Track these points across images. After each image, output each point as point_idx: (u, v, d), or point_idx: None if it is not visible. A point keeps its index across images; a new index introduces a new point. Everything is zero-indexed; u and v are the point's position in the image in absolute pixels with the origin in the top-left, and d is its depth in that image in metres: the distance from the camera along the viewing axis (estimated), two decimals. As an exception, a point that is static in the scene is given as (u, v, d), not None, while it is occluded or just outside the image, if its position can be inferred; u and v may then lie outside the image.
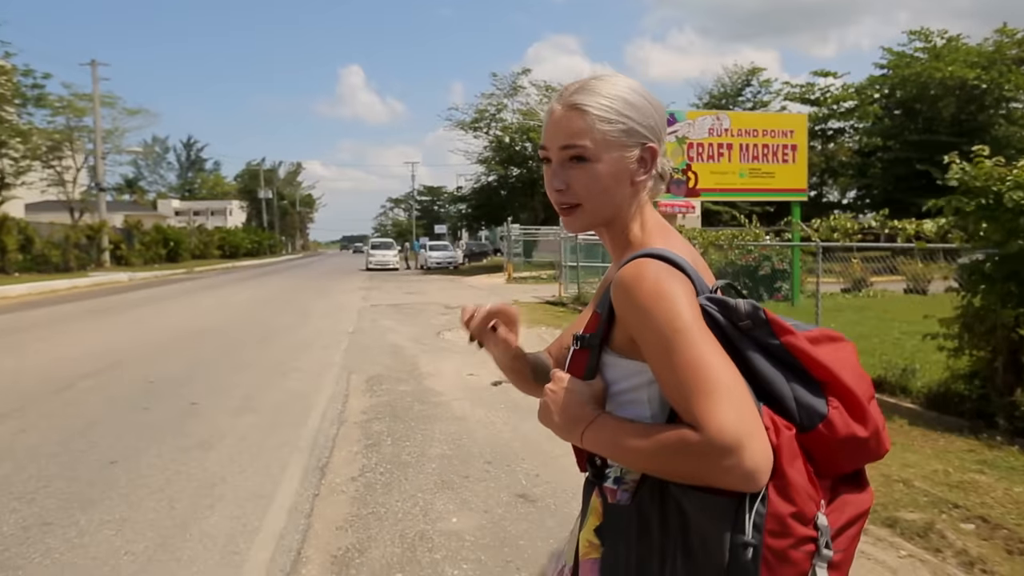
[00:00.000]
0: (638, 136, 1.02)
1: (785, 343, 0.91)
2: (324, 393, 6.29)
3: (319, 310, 14.35)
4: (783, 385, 0.90)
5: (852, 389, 0.90)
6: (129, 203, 63.10)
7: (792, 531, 0.86)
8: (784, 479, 0.86)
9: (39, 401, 5.80)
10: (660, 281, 0.92)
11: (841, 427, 0.89)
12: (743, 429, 0.83)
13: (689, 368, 0.87)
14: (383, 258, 34.80)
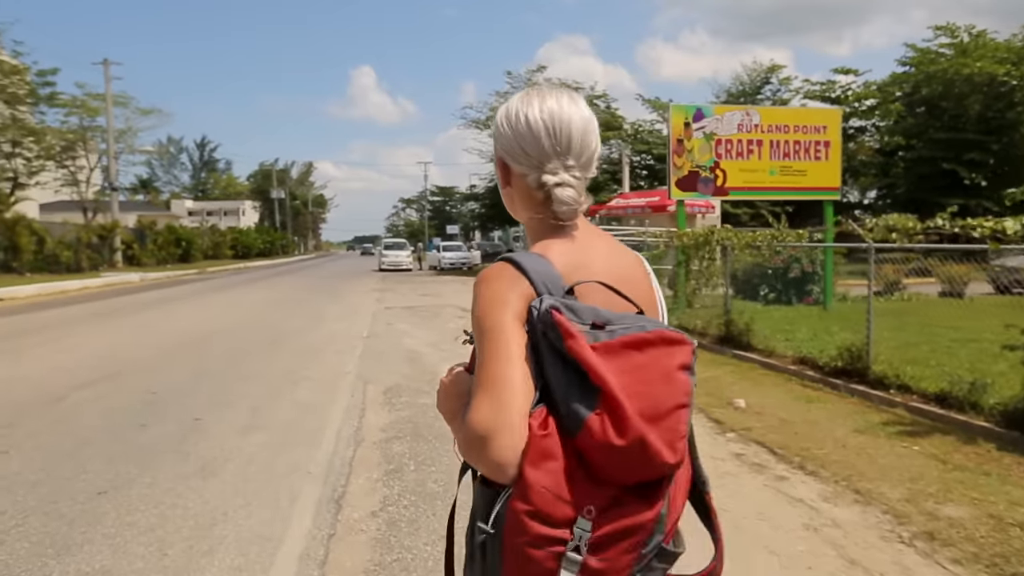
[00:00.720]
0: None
1: (567, 347, 0.91)
2: (338, 407, 5.79)
3: (332, 313, 13.88)
4: (560, 388, 0.92)
5: (620, 401, 0.88)
6: (143, 203, 63.09)
7: (528, 529, 0.88)
8: (523, 479, 0.88)
9: (29, 416, 5.33)
10: (492, 285, 1.00)
11: (598, 434, 0.88)
12: (493, 424, 0.88)
13: (480, 363, 0.95)
14: (396, 259, 34.36)
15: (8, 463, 4.16)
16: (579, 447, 0.89)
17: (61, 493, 3.66)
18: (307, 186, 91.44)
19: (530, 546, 0.88)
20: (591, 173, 1.15)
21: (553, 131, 1.10)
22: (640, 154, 31.29)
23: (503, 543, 0.90)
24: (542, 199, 1.11)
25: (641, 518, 0.90)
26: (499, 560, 0.91)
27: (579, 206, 1.11)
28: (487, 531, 0.91)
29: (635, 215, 25.57)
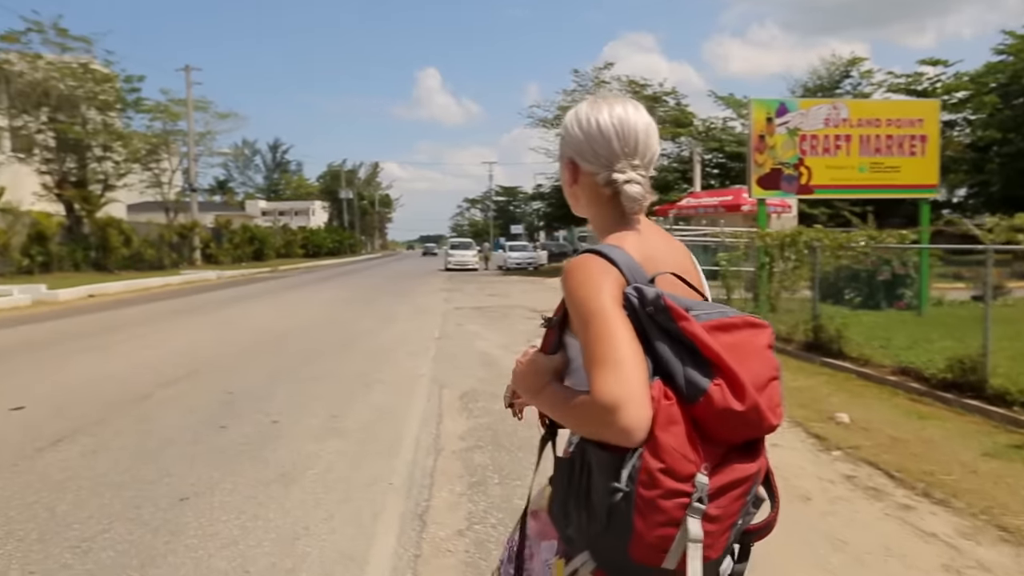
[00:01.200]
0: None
1: (680, 328, 1.03)
2: (415, 412, 5.63)
3: (401, 312, 13.88)
4: (674, 363, 1.03)
5: (736, 371, 1.01)
6: (220, 204, 65.50)
7: (660, 483, 0.98)
8: (655, 441, 0.99)
9: (116, 413, 5.38)
10: (588, 273, 1.12)
11: (719, 401, 1.00)
12: (622, 394, 0.99)
13: (596, 342, 1.05)
14: (462, 258, 34.45)
15: (96, 463, 4.15)
16: (695, 413, 1.01)
17: (145, 498, 3.59)
18: (374, 186, 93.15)
19: (662, 498, 0.98)
20: (651, 173, 1.26)
21: (622, 134, 1.21)
22: (711, 152, 30.36)
23: (636, 497, 0.99)
24: (609, 196, 1.23)
25: (748, 470, 1.05)
26: (631, 513, 0.99)
27: (645, 201, 1.22)
28: (622, 488, 0.99)
29: (706, 215, 24.80)
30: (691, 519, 0.99)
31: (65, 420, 5.16)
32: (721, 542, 1.04)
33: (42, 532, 3.16)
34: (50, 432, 4.83)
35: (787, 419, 5.46)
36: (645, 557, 1.01)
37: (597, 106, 1.25)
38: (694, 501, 0.99)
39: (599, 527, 1.04)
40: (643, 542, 1.00)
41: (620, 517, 1.00)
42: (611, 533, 1.02)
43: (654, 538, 1.00)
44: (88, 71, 28.23)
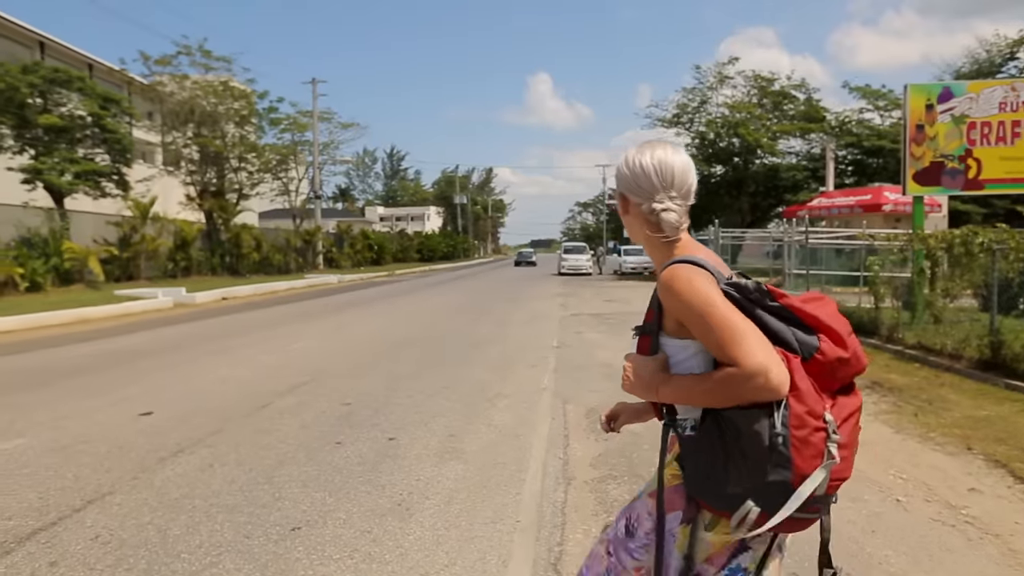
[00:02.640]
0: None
1: (782, 304, 1.36)
2: (540, 432, 5.16)
3: (517, 318, 13.53)
4: (785, 331, 1.32)
5: (833, 327, 1.33)
6: (341, 210, 68.60)
7: (807, 423, 1.26)
8: (798, 389, 1.27)
9: (235, 424, 5.27)
10: (691, 277, 1.37)
11: (830, 352, 1.32)
12: (767, 360, 1.25)
13: (722, 328, 1.29)
14: (576, 262, 33.89)
15: (212, 479, 3.97)
16: (808, 369, 1.31)
17: (256, 525, 3.32)
18: (487, 191, 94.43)
19: (811, 435, 1.26)
20: (691, 201, 1.53)
21: (660, 172, 1.50)
22: (846, 148, 28.10)
23: (792, 437, 1.25)
24: (655, 221, 1.50)
25: (855, 404, 1.37)
26: (789, 451, 1.25)
27: (682, 226, 1.50)
28: (781, 432, 1.25)
29: (841, 216, 22.91)
30: (831, 446, 1.27)
31: (188, 429, 5.09)
32: (849, 463, 1.32)
33: (151, 562, 2.93)
34: (172, 441, 4.75)
35: (985, 459, 4.53)
36: (798, 480, 1.25)
37: (642, 150, 1.52)
38: (831, 433, 1.27)
39: (763, 473, 1.25)
40: (801, 473, 1.25)
41: (780, 457, 1.25)
42: (775, 474, 1.25)
43: (809, 467, 1.25)
44: (228, 88, 30.14)
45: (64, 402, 6.00)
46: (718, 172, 30.82)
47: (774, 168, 28.83)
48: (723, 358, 1.29)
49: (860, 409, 1.37)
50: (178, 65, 28.91)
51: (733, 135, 28.03)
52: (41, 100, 21.78)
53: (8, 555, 2.99)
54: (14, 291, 15.72)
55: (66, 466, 4.19)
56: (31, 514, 3.44)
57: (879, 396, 6.38)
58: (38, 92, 21.61)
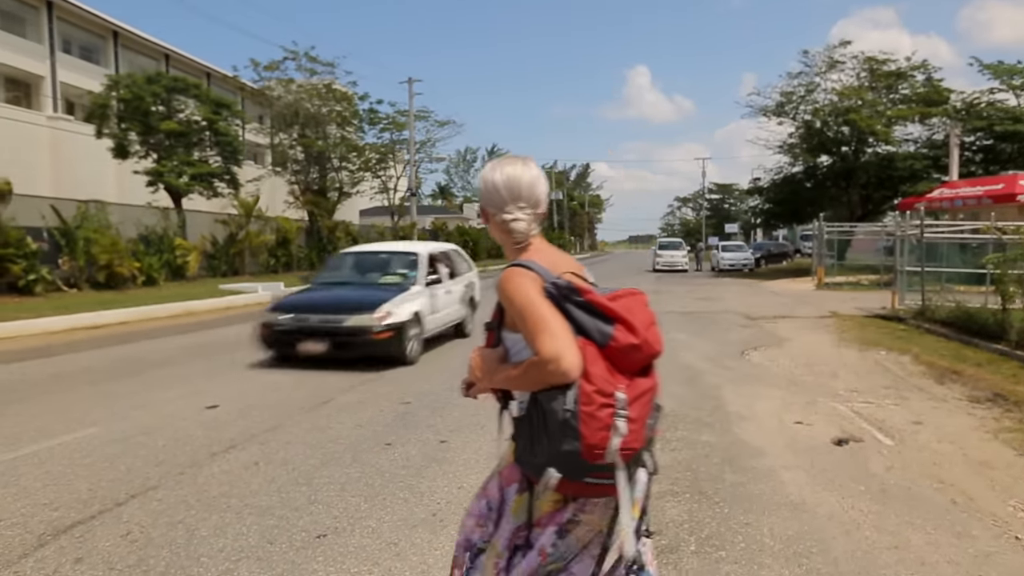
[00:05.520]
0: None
1: (586, 299, 1.53)
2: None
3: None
4: (588, 323, 1.51)
5: (628, 319, 1.51)
6: (440, 208, 69.92)
7: (595, 401, 1.44)
8: (589, 373, 1.45)
9: (293, 420, 5.26)
10: (516, 279, 1.57)
11: (623, 339, 1.50)
12: (560, 349, 1.43)
13: (532, 322, 1.49)
14: (671, 259, 32.86)
15: (252, 479, 3.92)
16: (607, 355, 1.49)
17: (283, 529, 3.21)
18: (583, 187, 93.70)
19: (597, 410, 1.43)
20: (541, 210, 1.75)
21: (508, 186, 1.72)
22: (974, 133, 25.58)
23: (580, 412, 1.43)
24: (508, 229, 1.72)
25: (649, 384, 1.54)
26: (578, 424, 1.43)
27: (530, 231, 1.73)
28: (570, 408, 1.44)
29: (967, 207, 20.87)
30: (619, 420, 1.45)
31: (247, 423, 5.12)
32: (639, 436, 1.49)
33: (169, 564, 2.86)
34: (228, 436, 4.77)
35: None
36: (592, 455, 1.44)
37: (493, 167, 1.77)
38: (619, 409, 1.45)
39: (559, 444, 1.46)
40: (588, 444, 1.44)
41: (571, 430, 1.44)
42: (566, 444, 1.45)
43: (596, 439, 1.44)
44: (331, 91, 31.29)
45: (144, 392, 6.23)
46: (825, 163, 28.87)
47: (888, 157, 26.62)
48: (531, 347, 1.49)
49: (654, 389, 1.56)
50: (285, 70, 30.29)
51: (842, 123, 26.12)
52: (163, 107, 23.35)
53: (41, 548, 3.01)
54: (132, 285, 16.88)
55: (122, 458, 4.28)
56: (76, 506, 3.49)
57: (1001, 411, 5.60)
58: (160, 100, 23.18)
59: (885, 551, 3.09)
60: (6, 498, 3.61)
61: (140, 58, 36.23)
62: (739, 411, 5.64)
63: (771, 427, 5.17)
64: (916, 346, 8.78)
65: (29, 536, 3.14)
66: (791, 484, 3.94)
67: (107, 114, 22.65)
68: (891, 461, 4.34)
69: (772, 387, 6.55)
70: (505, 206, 1.71)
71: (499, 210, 1.73)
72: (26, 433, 4.85)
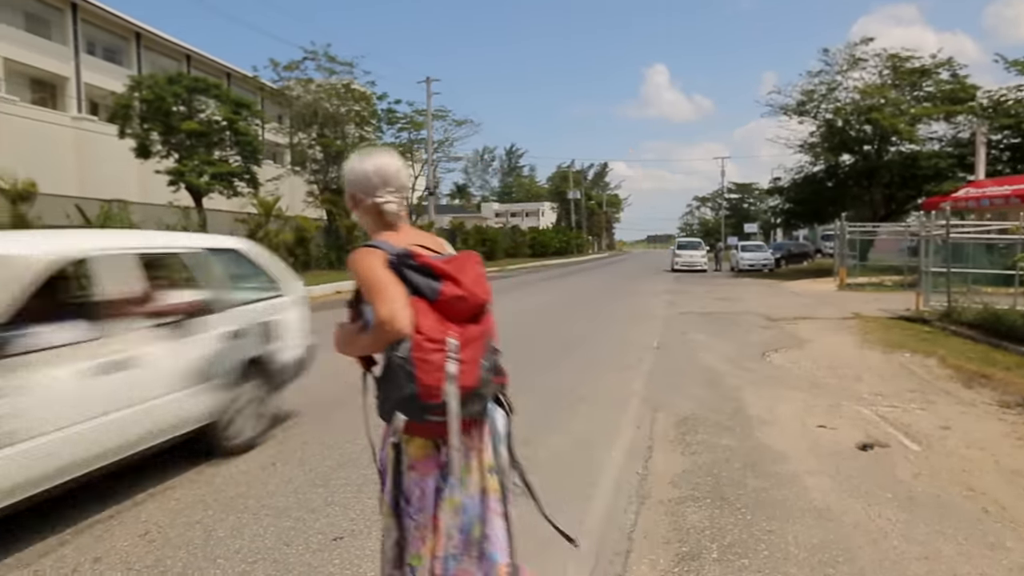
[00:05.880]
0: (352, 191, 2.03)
1: (419, 263, 1.78)
2: (620, 442, 4.76)
3: (619, 315, 13.04)
4: (421, 282, 1.75)
5: (454, 275, 1.78)
6: (458, 207, 70.08)
7: (425, 347, 1.69)
8: (419, 325, 1.71)
9: (312, 419, 5.26)
10: (363, 256, 1.81)
11: (449, 292, 1.76)
12: (392, 312, 1.68)
13: (372, 292, 1.74)
14: (690, 259, 32.60)
15: (271, 478, 3.91)
16: (440, 308, 1.75)
17: (300, 531, 3.19)
18: (601, 187, 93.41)
19: (428, 354, 1.69)
20: (405, 194, 2.02)
21: (379, 173, 1.95)
22: (1002, 131, 25.08)
23: (413, 358, 1.69)
24: (376, 212, 1.96)
25: (480, 330, 1.81)
26: (413, 368, 1.69)
27: (400, 212, 2.00)
28: (402, 355, 1.69)
29: (994, 207, 20.48)
30: (450, 362, 1.70)
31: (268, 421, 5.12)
32: (472, 374, 1.76)
33: (187, 564, 2.85)
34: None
35: None
36: (428, 396, 1.70)
37: (363, 158, 2.00)
38: (450, 352, 1.71)
39: (400, 389, 1.70)
40: (424, 385, 1.69)
41: (408, 375, 1.70)
42: (407, 389, 1.70)
43: (431, 380, 1.69)
44: (349, 91, 31.45)
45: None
46: (847, 162, 28.45)
47: (912, 156, 26.17)
48: (373, 313, 1.73)
49: (485, 333, 1.83)
50: (304, 70, 30.50)
51: (865, 121, 25.72)
52: (184, 107, 23.59)
53: (63, 547, 3.02)
54: (153, 283, 17.04)
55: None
56: (94, 504, 3.50)
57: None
58: (181, 100, 23.41)
59: (915, 562, 3.00)
60: (27, 496, 3.63)
61: (162, 59, 36.64)
62: (760, 414, 5.55)
63: (794, 431, 5.08)
64: (942, 348, 8.61)
65: (49, 534, 3.15)
66: (815, 490, 3.86)
67: (130, 114, 22.93)
68: (919, 467, 4.24)
69: (794, 390, 6.44)
70: (377, 191, 1.95)
71: (371, 195, 1.95)
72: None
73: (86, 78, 33.28)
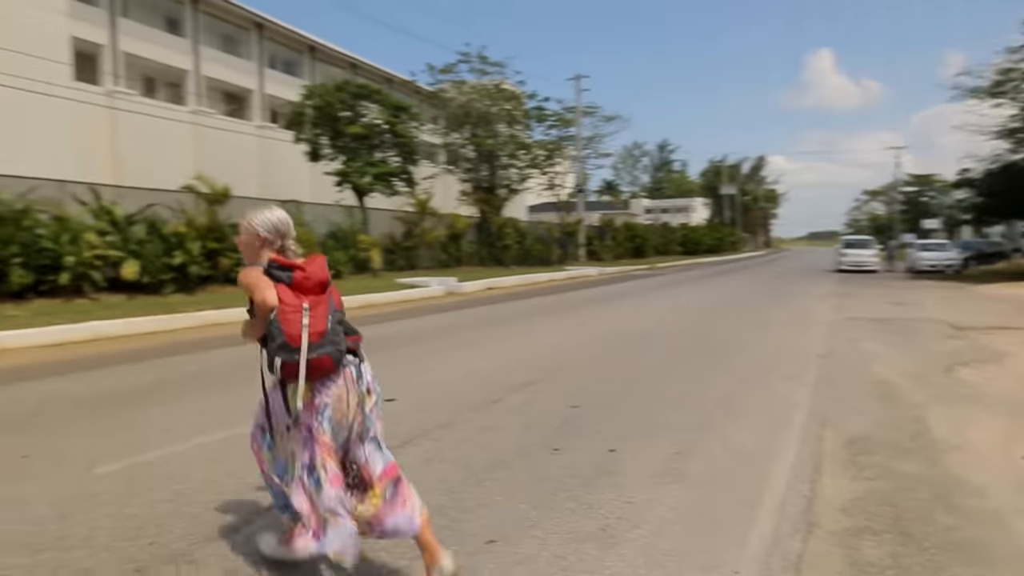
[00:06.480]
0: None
1: (277, 263, 2.62)
2: (783, 460, 4.44)
3: (779, 319, 12.27)
4: (281, 275, 2.57)
5: (300, 266, 2.60)
6: (606, 203, 69.52)
7: (286, 311, 2.51)
8: (282, 299, 2.52)
9: (464, 418, 5.38)
10: (247, 273, 2.61)
11: (299, 277, 2.58)
12: (265, 295, 2.53)
13: (250, 289, 2.57)
14: (858, 258, 30.04)
15: (426, 475, 4.03)
16: (293, 287, 2.57)
17: (454, 532, 3.25)
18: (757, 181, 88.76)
19: (291, 315, 2.50)
20: (292, 242, 2.80)
21: (284, 224, 2.77)
22: None
23: (279, 318, 2.49)
24: (276, 250, 2.75)
25: (324, 298, 2.61)
26: (281, 324, 2.49)
27: (297, 252, 2.80)
28: (275, 318, 2.50)
29: None
30: (304, 316, 2.50)
31: (421, 419, 5.31)
32: (321, 324, 2.53)
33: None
34: (404, 431, 4.97)
35: None
36: (293, 340, 2.48)
37: (270, 212, 2.78)
38: (303, 311, 2.51)
39: (277, 340, 2.51)
40: (289, 333, 2.48)
41: (278, 330, 2.50)
42: (279, 339, 2.50)
43: (293, 331, 2.48)
44: (500, 90, 32.17)
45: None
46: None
47: None
48: (256, 302, 2.58)
49: (327, 299, 2.62)
50: (458, 72, 31.57)
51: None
52: (350, 113, 25.26)
53: (248, 526, 3.29)
54: (322, 278, 18.44)
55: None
56: (272, 489, 3.78)
57: None
58: (347, 106, 25.09)
59: None
60: (218, 474, 4.01)
61: (331, 68, 39.48)
62: (948, 438, 4.95)
63: (992, 461, 4.47)
64: None
65: (239, 514, 3.45)
66: (1022, 534, 3.36)
67: (303, 121, 24.93)
68: None
69: (990, 412, 5.69)
70: (285, 238, 2.77)
71: (281, 239, 2.76)
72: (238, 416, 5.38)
73: (267, 89, 36.64)
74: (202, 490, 3.78)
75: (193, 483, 3.89)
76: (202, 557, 3.00)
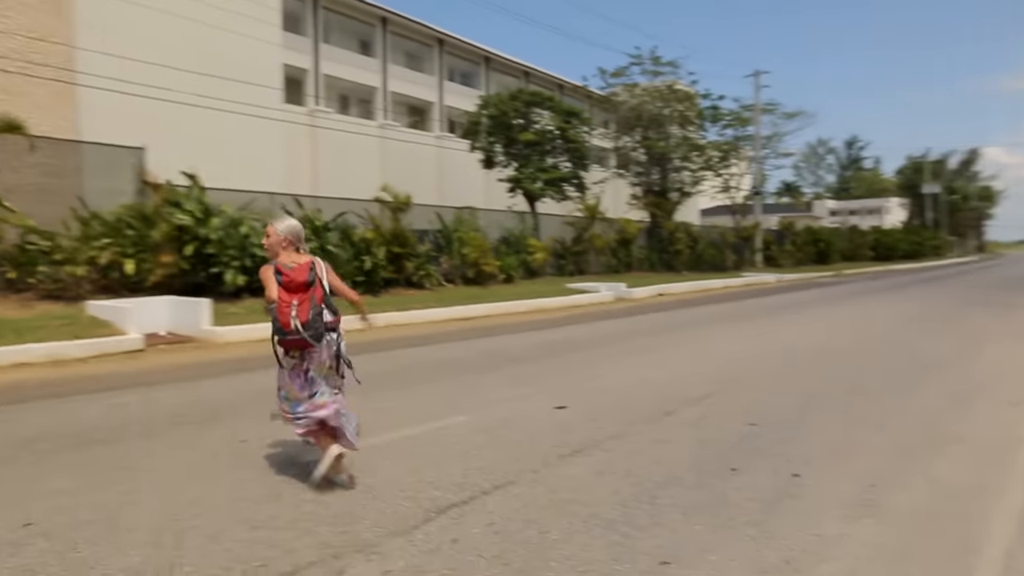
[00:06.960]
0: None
1: (276, 269, 3.90)
2: (1006, 501, 3.89)
3: (996, 334, 10.81)
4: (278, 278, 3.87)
5: (287, 273, 3.89)
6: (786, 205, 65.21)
7: (280, 304, 3.83)
8: (279, 295, 3.85)
9: (636, 429, 5.29)
10: (264, 268, 3.96)
11: (285, 279, 3.87)
12: (270, 292, 3.85)
13: (264, 284, 3.92)
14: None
15: (598, 487, 4.02)
16: (284, 286, 3.86)
17: (626, 548, 3.20)
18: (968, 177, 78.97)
19: (284, 307, 3.82)
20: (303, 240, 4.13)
21: (294, 230, 4.07)
22: None
23: (276, 310, 3.81)
24: (293, 251, 4.05)
25: (307, 296, 3.88)
26: (276, 314, 3.82)
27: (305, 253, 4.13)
28: (272, 309, 3.84)
29: None
30: (292, 309, 3.81)
31: (593, 428, 5.30)
32: (304, 316, 3.82)
33: (527, 561, 3.06)
34: (576, 439, 4.99)
35: None
36: (285, 326, 3.81)
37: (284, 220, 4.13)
38: (293, 304, 3.82)
39: (275, 325, 3.84)
40: (282, 321, 3.81)
41: (275, 318, 3.83)
42: (276, 324, 3.84)
43: (284, 319, 3.80)
44: (672, 91, 31.43)
45: (500, 387, 6.92)
46: None
47: None
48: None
49: (310, 297, 3.85)
50: (630, 75, 31.29)
51: None
52: (522, 120, 25.98)
53: (426, 523, 3.48)
54: (494, 282, 19.09)
55: (487, 449, 4.76)
56: (452, 489, 3.96)
57: None
58: (520, 114, 25.83)
59: None
60: (402, 472, 4.28)
61: (505, 78, 40.85)
62: None
63: None
64: None
65: (419, 510, 3.66)
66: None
67: (478, 130, 26.02)
68: None
69: None
70: (299, 241, 4.03)
71: (297, 241, 4.03)
72: (415, 416, 5.72)
73: (446, 101, 38.68)
74: (387, 485, 4.05)
75: (380, 478, 4.18)
76: (389, 551, 3.20)
